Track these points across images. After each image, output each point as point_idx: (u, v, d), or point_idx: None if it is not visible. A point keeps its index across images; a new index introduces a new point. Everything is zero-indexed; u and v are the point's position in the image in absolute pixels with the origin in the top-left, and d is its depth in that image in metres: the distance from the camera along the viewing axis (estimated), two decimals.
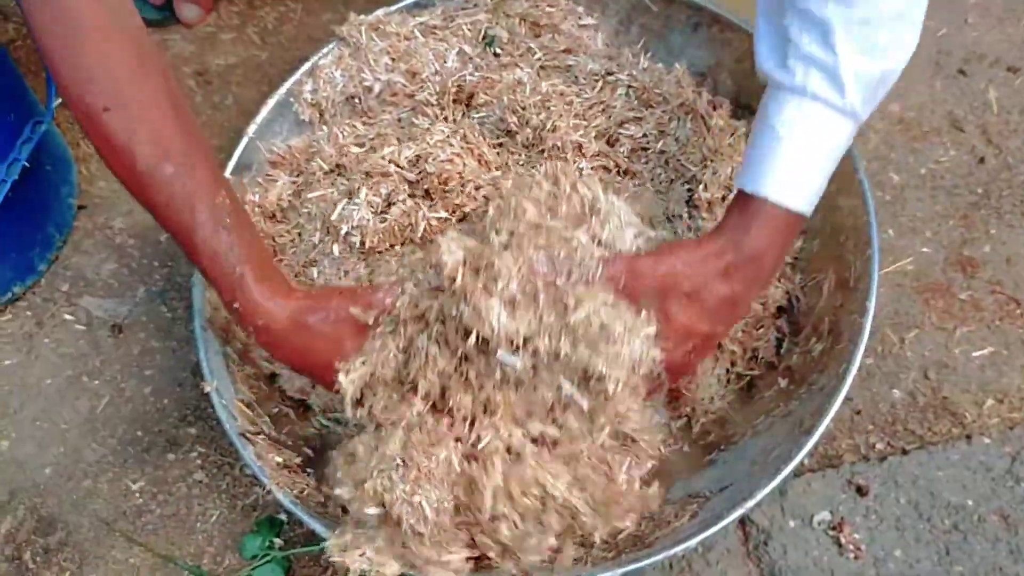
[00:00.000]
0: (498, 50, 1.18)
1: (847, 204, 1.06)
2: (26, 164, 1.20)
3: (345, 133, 1.14)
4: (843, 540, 1.08)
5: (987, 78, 1.41)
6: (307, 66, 1.17)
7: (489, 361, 0.81)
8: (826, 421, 0.92)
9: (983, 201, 1.31)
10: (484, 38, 1.18)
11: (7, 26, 1.57)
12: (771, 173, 0.84)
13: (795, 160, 0.84)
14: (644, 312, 0.83)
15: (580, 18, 1.19)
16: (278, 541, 1.13)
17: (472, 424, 0.84)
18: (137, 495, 1.20)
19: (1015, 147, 1.35)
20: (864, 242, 1.02)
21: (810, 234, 1.11)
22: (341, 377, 0.87)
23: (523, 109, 1.08)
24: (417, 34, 1.18)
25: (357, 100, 1.18)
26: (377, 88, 1.17)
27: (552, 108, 1.08)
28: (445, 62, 1.17)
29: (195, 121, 0.88)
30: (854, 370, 0.94)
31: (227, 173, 1.12)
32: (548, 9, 1.17)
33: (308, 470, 1.02)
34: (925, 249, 1.28)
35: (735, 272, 0.86)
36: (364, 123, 1.16)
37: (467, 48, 1.18)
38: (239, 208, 0.89)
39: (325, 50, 1.17)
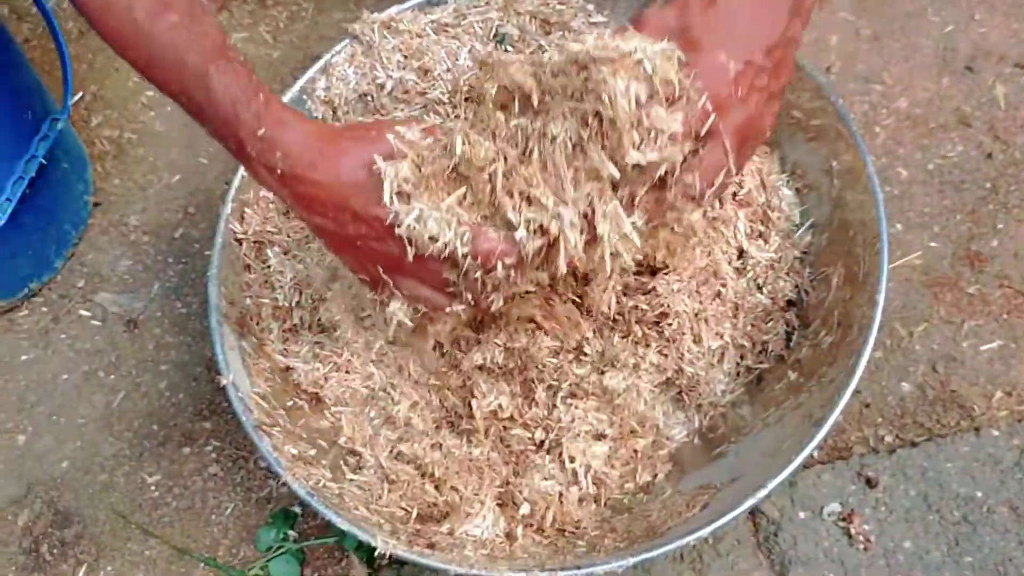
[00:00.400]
0: (509, 47, 1.19)
1: (855, 199, 1.06)
2: (43, 161, 1.22)
3: None
4: (853, 531, 1.08)
5: (994, 74, 1.42)
6: (320, 64, 1.18)
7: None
8: (836, 413, 0.93)
9: (991, 196, 1.32)
10: (495, 36, 1.19)
11: (22, 26, 1.59)
12: None
13: None
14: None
15: (590, 16, 1.20)
16: (292, 533, 1.15)
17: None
18: (153, 488, 1.21)
19: (1022, 142, 1.35)
20: (873, 237, 1.02)
21: (819, 228, 1.12)
22: (380, 162, 0.79)
23: None
24: (429, 31, 1.19)
25: (370, 98, 1.19)
26: (389, 85, 1.18)
27: None
28: (457, 59, 1.18)
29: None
30: (863, 363, 0.95)
31: (241, 168, 1.13)
32: (559, 7, 1.18)
33: (323, 462, 1.03)
34: (933, 244, 1.29)
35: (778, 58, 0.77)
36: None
37: (478, 46, 1.19)
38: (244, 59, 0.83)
39: (338, 48, 1.18)
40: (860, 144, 1.06)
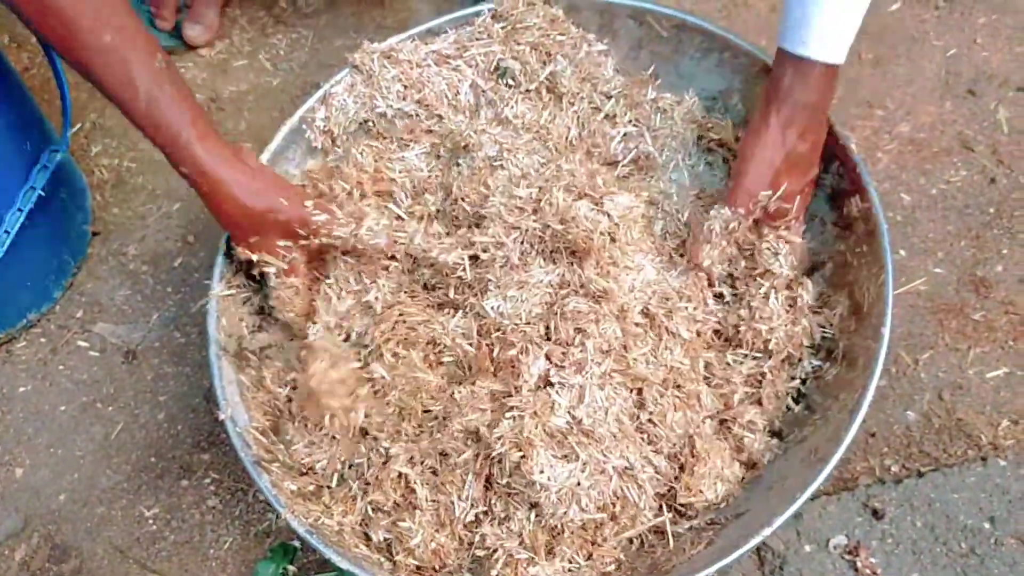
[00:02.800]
0: (510, 81, 1.19)
1: (859, 227, 1.06)
2: (42, 193, 1.21)
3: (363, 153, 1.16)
4: (859, 564, 1.07)
5: (996, 98, 1.41)
6: (320, 93, 1.17)
7: None
8: (841, 450, 0.92)
9: (995, 221, 1.31)
10: (496, 70, 1.19)
11: (22, 55, 1.59)
12: (815, 35, 0.96)
13: (834, 21, 0.96)
14: None
15: (591, 44, 1.20)
16: (292, 568, 1.13)
17: None
18: (151, 522, 1.20)
19: None
20: (877, 266, 1.01)
21: (824, 259, 1.11)
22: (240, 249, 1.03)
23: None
24: (430, 62, 1.19)
25: (371, 123, 1.18)
26: (389, 114, 1.18)
27: None
28: (458, 93, 1.18)
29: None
30: (868, 398, 0.94)
31: None
32: (559, 38, 1.18)
33: (322, 498, 1.01)
34: (938, 270, 1.28)
35: (805, 132, 1.01)
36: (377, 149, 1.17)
37: (480, 81, 1.18)
38: (176, 73, 0.95)
39: (337, 77, 1.17)
40: (865, 175, 1.06)
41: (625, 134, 1.17)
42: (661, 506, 1.00)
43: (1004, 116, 1.40)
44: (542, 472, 0.92)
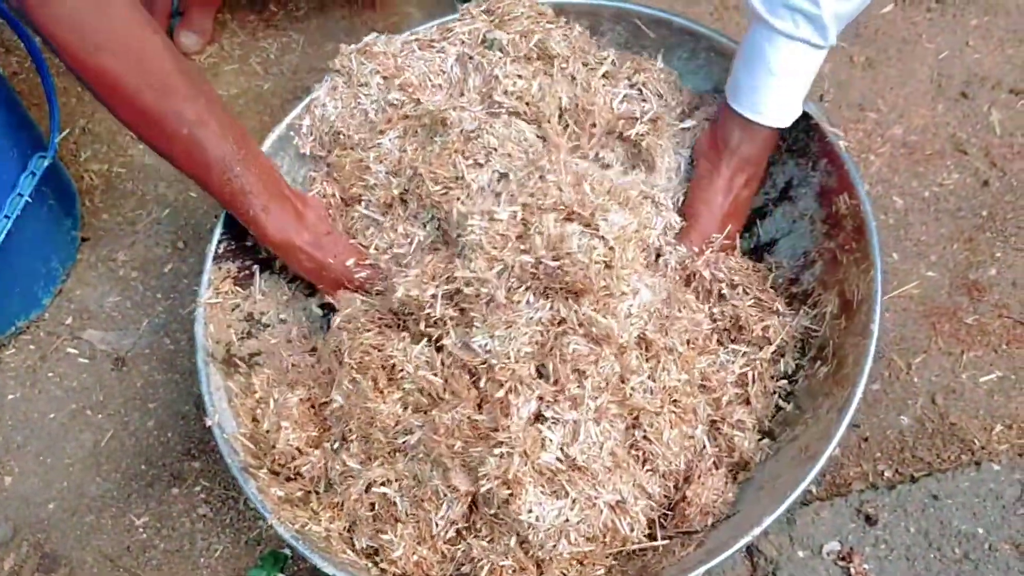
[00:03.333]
0: (498, 52, 1.15)
1: (849, 227, 1.05)
2: (29, 199, 1.20)
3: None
4: (853, 570, 1.06)
5: (989, 100, 1.41)
6: (305, 101, 1.17)
7: None
8: (832, 446, 0.91)
9: (988, 224, 1.31)
10: (483, 41, 1.16)
11: (10, 59, 1.58)
12: (767, 104, 1.05)
13: (786, 92, 1.04)
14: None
15: (581, 34, 1.19)
16: None
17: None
18: (141, 530, 1.19)
19: (1019, 169, 1.34)
20: (866, 264, 1.01)
21: (813, 256, 1.10)
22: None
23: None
24: (414, 48, 1.17)
25: (343, 136, 1.16)
26: (372, 112, 1.16)
27: None
28: (442, 72, 1.16)
29: (193, 65, 0.97)
30: (859, 394, 0.94)
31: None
32: (547, 25, 1.15)
33: (310, 504, 1.01)
34: (930, 273, 1.28)
35: (748, 181, 1.12)
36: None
37: (466, 50, 1.15)
38: (247, 139, 1.05)
39: (320, 84, 1.17)
40: (854, 172, 1.05)
41: (625, 95, 1.15)
42: (653, 533, 0.98)
43: (997, 118, 1.39)
44: (531, 511, 0.89)
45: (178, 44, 1.56)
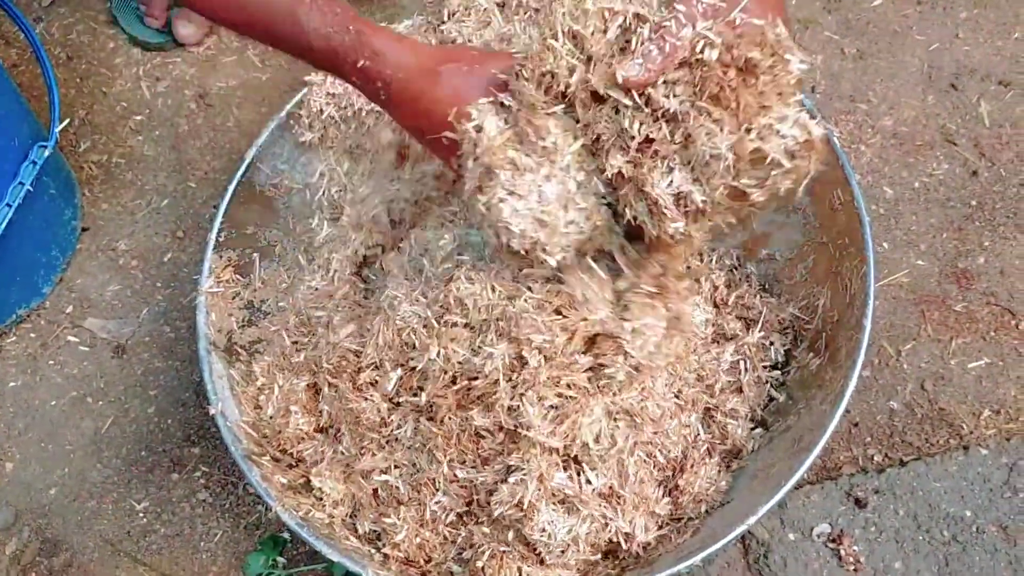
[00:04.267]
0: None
1: (842, 219, 1.07)
2: (30, 188, 1.22)
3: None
4: (843, 553, 1.08)
5: (978, 92, 1.43)
6: (305, 90, 1.18)
7: None
8: (824, 438, 0.93)
9: (977, 213, 1.33)
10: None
11: (10, 51, 1.59)
12: None
13: None
14: None
15: None
16: (281, 560, 1.14)
17: None
18: (141, 515, 1.21)
19: (1007, 159, 1.36)
20: (859, 258, 1.02)
21: (806, 249, 1.12)
22: (470, 119, 0.80)
23: None
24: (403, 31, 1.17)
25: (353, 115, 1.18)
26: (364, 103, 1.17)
27: None
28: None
29: None
30: (851, 387, 0.95)
31: (229, 192, 1.13)
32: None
33: (311, 490, 1.02)
34: (920, 262, 1.30)
35: None
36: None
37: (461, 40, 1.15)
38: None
39: (317, 75, 1.18)
40: (846, 163, 1.07)
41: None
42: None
43: (986, 110, 1.41)
44: (543, 531, 0.90)
45: (177, 35, 1.57)
